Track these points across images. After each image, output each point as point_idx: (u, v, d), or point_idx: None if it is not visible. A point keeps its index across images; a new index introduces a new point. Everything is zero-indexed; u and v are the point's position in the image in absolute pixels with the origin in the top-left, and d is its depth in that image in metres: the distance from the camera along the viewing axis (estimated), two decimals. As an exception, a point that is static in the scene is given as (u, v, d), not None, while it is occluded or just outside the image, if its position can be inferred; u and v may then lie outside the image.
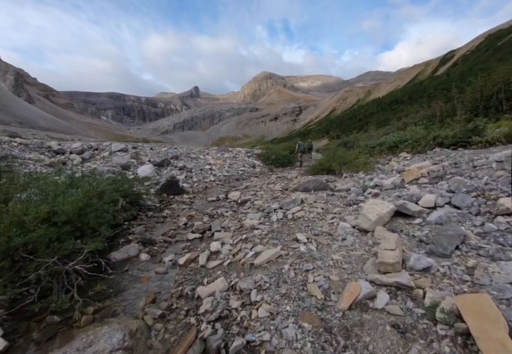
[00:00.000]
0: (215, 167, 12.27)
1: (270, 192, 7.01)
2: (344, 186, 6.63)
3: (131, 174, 9.38)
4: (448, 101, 11.59)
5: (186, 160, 12.37)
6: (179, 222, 5.09)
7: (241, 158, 15.81)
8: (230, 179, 11.11)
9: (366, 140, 11.81)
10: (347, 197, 5.48)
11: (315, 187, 6.31)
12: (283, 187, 7.57)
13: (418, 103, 18.58)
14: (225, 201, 6.68)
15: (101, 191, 4.50)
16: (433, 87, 22.44)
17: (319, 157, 23.02)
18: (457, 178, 4.24)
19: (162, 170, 10.32)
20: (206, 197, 7.37)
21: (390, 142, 9.40)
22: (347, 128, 77.89)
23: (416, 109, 16.23)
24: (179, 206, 6.62)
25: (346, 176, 8.28)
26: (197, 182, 9.87)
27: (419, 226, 3.38)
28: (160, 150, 12.98)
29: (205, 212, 5.63)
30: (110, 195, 4.53)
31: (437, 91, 18.31)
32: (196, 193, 8.40)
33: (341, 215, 4.32)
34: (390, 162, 8.06)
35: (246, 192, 7.29)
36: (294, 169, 14.87)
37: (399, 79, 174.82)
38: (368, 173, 7.88)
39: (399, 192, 4.80)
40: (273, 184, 8.40)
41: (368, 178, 6.87)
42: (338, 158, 9.36)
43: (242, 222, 4.37)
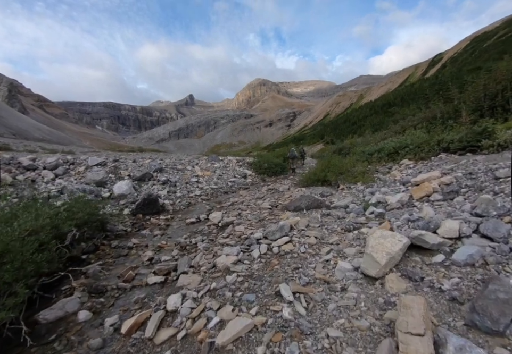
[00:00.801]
0: (202, 179, 11.38)
1: (257, 210, 6.13)
2: (341, 202, 5.78)
3: (107, 191, 8.46)
4: (446, 102, 10.94)
5: (170, 172, 11.48)
6: (143, 257, 4.17)
7: (232, 168, 14.95)
8: (218, 193, 10.21)
9: (363, 145, 11.03)
10: (345, 219, 4.62)
11: (308, 205, 5.44)
12: (272, 203, 6.69)
13: (413, 105, 18.02)
14: (205, 223, 5.78)
15: (42, 224, 3.60)
16: (428, 88, 21.94)
17: (314, 162, 22.28)
18: (485, 197, 3.39)
19: (142, 185, 9.41)
20: (186, 219, 6.46)
21: (389, 148, 8.61)
22: (342, 132, 77.57)
23: (413, 111, 15.62)
24: (152, 231, 5.70)
25: (343, 187, 7.44)
26: (181, 197, 8.96)
27: (445, 270, 2.52)
28: (144, 162, 12.07)
29: (177, 241, 4.72)
30: (51, 231, 3.62)
31: (433, 92, 17.81)
32: (176, 212, 7.49)
33: (339, 246, 3.44)
34: (392, 172, 7.23)
35: (230, 211, 6.40)
36: (287, 178, 14.04)
37: (391, 83, 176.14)
38: (367, 184, 7.04)
39: (409, 213, 3.94)
40: (262, 199, 7.52)
41: (368, 192, 6.02)
42: (334, 167, 8.53)
43: (216, 259, 3.47)
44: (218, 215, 5.78)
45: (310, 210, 5.38)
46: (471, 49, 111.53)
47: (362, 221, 4.29)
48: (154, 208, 7.43)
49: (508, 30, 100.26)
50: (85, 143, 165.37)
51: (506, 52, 59.41)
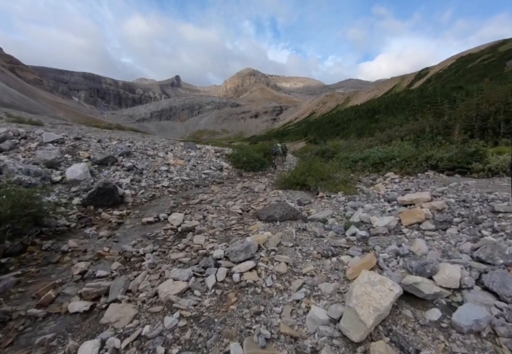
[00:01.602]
0: (173, 169, 10.47)
1: (226, 215, 5.43)
2: (319, 214, 5.22)
3: (59, 174, 7.40)
4: (435, 116, 10.71)
5: (139, 158, 10.46)
6: (74, 269, 3.36)
7: (208, 158, 14.08)
8: (189, 185, 9.39)
9: (347, 151, 10.59)
10: (323, 238, 4.04)
11: (283, 216, 4.81)
12: (244, 207, 6.01)
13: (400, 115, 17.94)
14: (163, 226, 5.01)
15: None
16: (416, 99, 22.07)
17: (294, 160, 21.78)
18: (489, 239, 2.89)
19: (102, 170, 8.39)
20: (143, 216, 5.64)
21: (375, 157, 8.17)
22: (325, 132, 78.24)
23: (400, 121, 15.47)
24: (99, 231, 4.85)
25: (323, 195, 6.89)
26: (145, 188, 8.06)
27: (444, 338, 1.97)
28: (110, 144, 10.93)
29: (123, 249, 3.92)
30: None
31: (421, 104, 17.84)
32: (136, 206, 6.63)
33: (314, 279, 2.84)
34: (376, 184, 6.76)
35: (195, 212, 5.66)
36: (265, 176, 13.41)
37: (377, 90, 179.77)
38: (349, 195, 6.53)
39: (397, 242, 3.42)
40: (234, 200, 6.82)
41: (350, 206, 5.49)
42: (315, 172, 7.97)
43: (160, 285, 2.74)
44: (179, 217, 5.01)
45: (284, 222, 4.76)
46: (456, 68, 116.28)
47: (342, 245, 3.72)
48: (110, 199, 6.53)
49: (491, 55, 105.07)
50: (59, 114, 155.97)
51: (487, 75, 62.12)
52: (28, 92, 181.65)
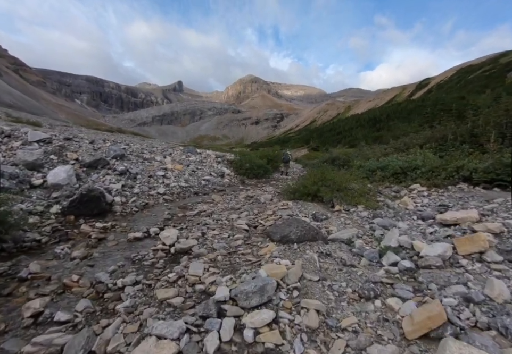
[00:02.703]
0: (171, 174, 9.60)
1: (229, 231, 4.54)
2: (342, 233, 4.36)
3: (41, 177, 6.53)
4: (456, 123, 9.95)
5: (134, 161, 9.60)
6: (25, 310, 2.47)
7: (209, 164, 13.23)
8: (187, 193, 8.51)
9: (361, 159, 9.77)
10: (355, 269, 3.16)
11: (301, 236, 3.93)
12: (250, 221, 5.13)
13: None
14: (154, 244, 4.12)
15: None
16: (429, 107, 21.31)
17: (297, 167, 20.93)
18: None
19: (91, 174, 7.52)
20: (130, 231, 4.75)
21: (395, 166, 7.34)
22: (326, 140, 77.93)
23: (414, 128, 14.71)
24: (73, 249, 3.96)
25: (340, 209, 6.03)
26: (138, 194, 7.19)
27: None
28: (103, 145, 10.09)
29: (96, 278, 3.02)
30: None
31: (435, 112, 17.14)
32: (124, 216, 5.75)
33: (359, 338, 1.96)
34: (402, 198, 5.89)
35: (192, 227, 4.77)
36: (269, 183, 12.56)
37: (378, 99, 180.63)
38: (372, 210, 5.68)
39: (461, 280, 2.55)
40: (238, 212, 5.93)
41: (379, 225, 4.63)
42: (328, 182, 7.12)
43: (135, 350, 1.85)
44: (173, 234, 4.12)
45: (302, 243, 3.88)
46: (457, 79, 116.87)
47: (383, 280, 2.85)
48: (95, 208, 5.65)
49: (492, 66, 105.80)
50: (61, 116, 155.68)
51: (488, 86, 62.13)
52: (31, 94, 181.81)
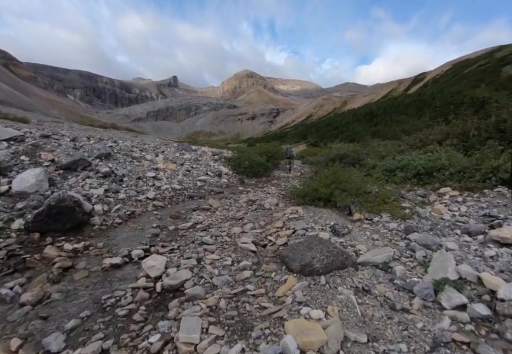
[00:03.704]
0: (162, 175, 8.59)
1: (232, 254, 3.56)
2: (375, 256, 3.46)
3: (6, 183, 5.48)
4: (472, 117, 9.08)
5: (121, 161, 8.55)
6: None
7: (205, 162, 12.21)
8: (180, 197, 7.53)
9: (374, 157, 8.83)
10: (410, 317, 2.23)
11: (327, 265, 2.98)
12: (258, 238, 4.16)
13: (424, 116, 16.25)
14: (135, 275, 3.15)
15: None
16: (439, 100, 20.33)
17: (296, 163, 19.89)
18: None
19: (68, 177, 6.48)
20: (107, 254, 3.76)
21: (417, 166, 6.41)
22: (323, 135, 77.21)
23: (425, 123, 13.79)
24: (27, 287, 2.97)
25: (361, 218, 5.10)
26: (123, 201, 6.19)
27: None
28: (86, 143, 9.01)
29: (45, 347, 2.03)
30: None
31: (444, 106, 16.24)
32: (103, 231, 4.74)
33: None
34: (435, 206, 4.96)
35: (185, 249, 3.77)
36: (270, 183, 11.61)
37: (374, 94, 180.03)
38: (399, 219, 4.76)
39: None
40: (241, 223, 4.95)
41: (418, 243, 3.70)
42: (343, 184, 6.19)
43: None
44: (159, 263, 3.14)
45: (330, 274, 2.94)
46: (452, 73, 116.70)
47: (456, 337, 1.92)
48: (68, 222, 4.64)
49: (487, 60, 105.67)
50: (53, 111, 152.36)
51: (483, 81, 61.75)
52: (22, 89, 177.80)
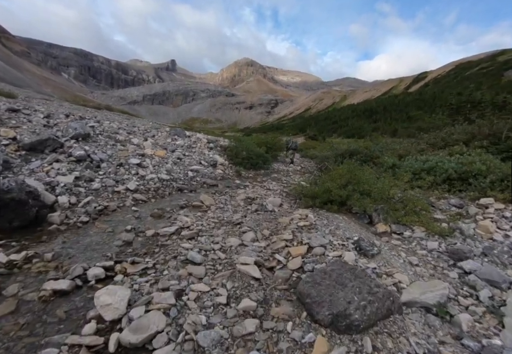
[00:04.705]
0: (149, 162, 7.48)
1: (227, 283, 2.53)
2: (425, 293, 2.49)
3: None
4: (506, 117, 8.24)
5: (102, 143, 7.39)
6: None
7: (199, 150, 11.09)
8: (167, 189, 6.47)
9: (390, 155, 7.85)
10: None
11: (371, 315, 1.99)
12: (261, 255, 3.16)
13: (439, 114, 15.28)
14: (85, 309, 2.12)
15: None
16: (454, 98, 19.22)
17: (295, 156, 18.78)
18: None
19: (31, 160, 5.34)
20: (55, 269, 2.72)
21: (447, 169, 5.44)
22: (322, 129, 76.39)
23: (443, 120, 12.85)
24: None
25: (387, 230, 4.14)
26: (97, 191, 5.12)
27: None
28: (62, 121, 7.79)
29: None
30: None
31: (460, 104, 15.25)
32: (62, 232, 3.68)
33: None
34: (481, 222, 4.01)
35: (161, 270, 2.73)
36: (270, 177, 10.60)
37: (374, 90, 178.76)
38: (438, 236, 3.82)
39: None
40: (239, 230, 3.92)
41: (480, 278, 2.76)
42: (362, 186, 5.20)
43: None
44: (118, 300, 2.08)
45: (374, 329, 1.96)
46: (454, 74, 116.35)
47: None
48: (16, 219, 3.58)
49: (490, 63, 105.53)
50: (46, 89, 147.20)
51: (484, 84, 61.50)
52: (14, 64, 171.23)
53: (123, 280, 2.56)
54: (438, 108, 26.34)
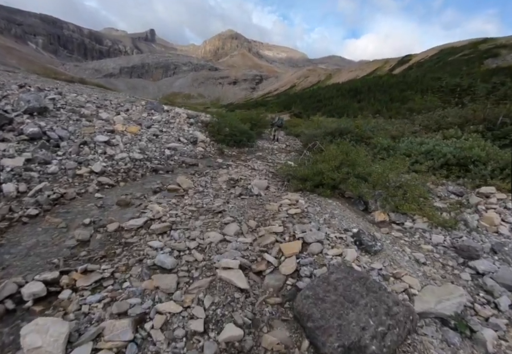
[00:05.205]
0: (119, 139, 6.66)
1: (205, 295, 2.00)
2: (440, 301, 2.11)
3: None
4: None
5: (63, 118, 6.45)
6: None
7: (178, 126, 10.23)
8: (140, 170, 5.77)
9: (383, 135, 7.37)
10: None
11: (392, 345, 1.53)
12: (246, 254, 2.63)
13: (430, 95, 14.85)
14: (14, 349, 1.55)
15: None
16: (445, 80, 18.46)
17: (280, 133, 18.07)
18: None
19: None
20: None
21: (445, 154, 5.01)
22: (306, 107, 75.68)
23: (434, 102, 12.38)
24: None
25: (385, 219, 3.73)
26: (54, 176, 4.38)
27: None
28: (14, 92, 6.70)
29: None
30: None
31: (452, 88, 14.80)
32: (3, 231, 2.99)
33: None
34: (486, 214, 3.63)
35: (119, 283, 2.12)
36: (255, 156, 10.00)
37: (360, 70, 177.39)
38: (441, 228, 3.45)
39: None
40: (221, 221, 3.36)
41: (498, 282, 2.37)
42: (357, 168, 4.74)
43: None
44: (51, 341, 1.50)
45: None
46: (437, 59, 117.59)
47: None
48: None
49: (472, 50, 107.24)
50: (10, 60, 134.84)
51: (464, 71, 62.78)
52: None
53: (71, 297, 1.97)
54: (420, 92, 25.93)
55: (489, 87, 12.44)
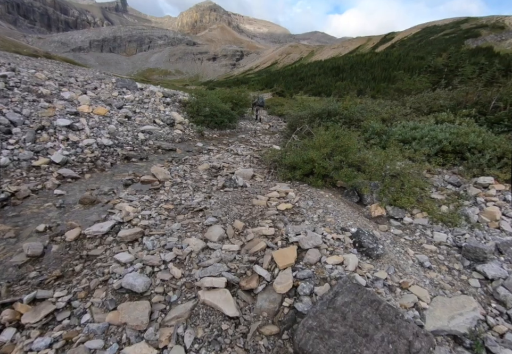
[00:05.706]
0: (84, 122, 5.92)
1: (185, 330, 1.63)
2: (452, 317, 2.04)
3: None
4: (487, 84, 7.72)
5: (16, 99, 5.61)
6: None
7: (153, 106, 9.44)
8: (110, 159, 5.18)
9: (373, 117, 7.00)
10: None
11: None
12: (233, 266, 2.25)
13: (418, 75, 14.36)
14: None
15: None
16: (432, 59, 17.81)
17: (262, 113, 17.49)
18: None
19: None
20: None
21: (441, 140, 4.72)
22: (288, 85, 74.58)
23: (424, 83, 11.96)
24: None
25: (382, 214, 3.46)
26: (5, 169, 3.74)
27: None
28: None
29: None
30: None
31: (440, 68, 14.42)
32: None
33: None
34: (486, 207, 3.41)
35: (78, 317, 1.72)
36: (237, 138, 9.51)
37: (342, 47, 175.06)
38: (442, 224, 3.22)
39: None
40: (201, 216, 2.95)
41: (509, 288, 2.12)
42: (350, 155, 4.41)
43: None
44: None
45: None
46: (420, 38, 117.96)
47: None
48: None
49: (454, 29, 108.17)
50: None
51: (445, 50, 63.22)
52: None
53: (15, 339, 1.53)
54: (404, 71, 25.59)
55: (476, 69, 12.33)
